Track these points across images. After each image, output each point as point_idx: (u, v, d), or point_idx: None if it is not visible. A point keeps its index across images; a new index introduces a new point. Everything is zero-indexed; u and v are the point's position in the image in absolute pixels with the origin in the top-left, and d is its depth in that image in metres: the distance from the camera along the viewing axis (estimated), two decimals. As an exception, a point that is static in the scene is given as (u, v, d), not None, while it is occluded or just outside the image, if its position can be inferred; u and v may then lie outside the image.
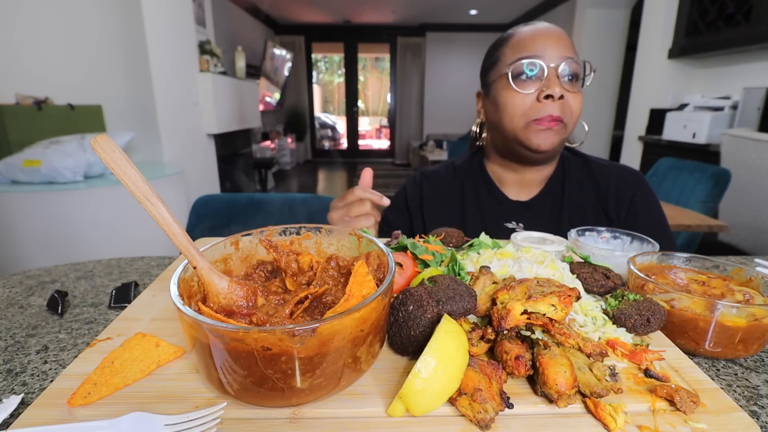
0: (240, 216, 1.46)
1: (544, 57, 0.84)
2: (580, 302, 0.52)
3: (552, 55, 0.84)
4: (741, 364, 0.52)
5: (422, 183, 1.07)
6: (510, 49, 0.89)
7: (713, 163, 2.42)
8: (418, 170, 1.11)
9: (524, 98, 0.86)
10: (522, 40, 0.87)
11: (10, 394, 0.45)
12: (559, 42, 0.85)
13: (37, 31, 2.59)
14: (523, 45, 0.87)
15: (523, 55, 0.85)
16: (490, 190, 1.02)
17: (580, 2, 4.98)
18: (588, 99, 3.29)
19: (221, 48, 4.08)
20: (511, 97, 0.87)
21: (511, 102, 0.87)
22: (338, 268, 0.49)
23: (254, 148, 5.67)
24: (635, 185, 0.96)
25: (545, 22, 0.90)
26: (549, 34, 0.86)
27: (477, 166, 1.05)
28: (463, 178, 1.05)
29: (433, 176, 1.08)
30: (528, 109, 0.86)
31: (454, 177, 1.06)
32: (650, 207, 0.96)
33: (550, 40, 0.85)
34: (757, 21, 2.64)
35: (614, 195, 0.96)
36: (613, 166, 1.00)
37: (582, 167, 1.00)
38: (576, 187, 0.98)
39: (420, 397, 0.36)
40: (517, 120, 0.87)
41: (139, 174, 0.39)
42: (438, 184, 1.06)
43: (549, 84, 0.84)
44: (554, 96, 0.83)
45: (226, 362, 0.36)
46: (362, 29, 8.48)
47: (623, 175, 0.98)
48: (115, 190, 2.10)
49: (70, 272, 0.81)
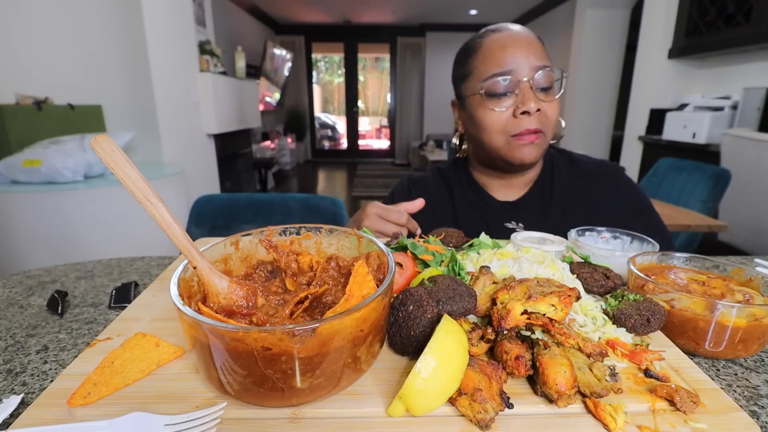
0: (240, 216, 1.46)
1: (517, 71, 0.83)
2: (580, 302, 0.52)
3: (524, 67, 0.83)
4: (741, 364, 0.52)
5: (410, 188, 1.07)
6: (481, 62, 0.87)
7: (713, 163, 2.42)
8: (405, 177, 1.11)
9: (501, 115, 0.86)
10: (492, 53, 0.85)
11: (10, 394, 0.45)
12: (530, 50, 0.84)
13: (37, 31, 2.59)
14: (493, 59, 0.85)
15: (495, 72, 0.84)
16: (477, 194, 1.03)
17: (580, 2, 4.98)
18: (588, 99, 3.35)
19: (221, 48, 4.08)
20: (487, 116, 0.87)
21: (488, 120, 0.87)
22: (338, 268, 0.49)
23: (254, 148, 5.67)
24: (616, 178, 0.98)
25: (514, 26, 0.88)
26: (519, 43, 0.84)
27: (462, 172, 1.06)
28: (450, 183, 1.06)
29: (420, 182, 1.08)
30: (506, 126, 0.86)
31: (441, 182, 1.07)
32: (634, 197, 0.97)
33: (520, 50, 0.84)
34: (757, 21, 2.64)
35: (599, 190, 0.97)
36: (595, 162, 1.01)
37: (568, 165, 1.01)
38: (566, 184, 0.98)
39: (420, 397, 0.36)
40: (497, 137, 0.88)
41: (139, 174, 0.39)
42: (426, 190, 1.05)
43: (524, 100, 0.83)
44: (530, 111, 0.83)
45: (226, 362, 0.36)
46: (362, 29, 8.48)
47: (604, 170, 0.99)
48: (115, 190, 2.10)
49: (70, 272, 0.81)
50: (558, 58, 5.74)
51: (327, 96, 11.95)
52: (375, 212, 0.82)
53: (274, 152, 6.76)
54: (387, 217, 0.82)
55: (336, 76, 11.74)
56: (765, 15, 2.59)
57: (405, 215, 0.82)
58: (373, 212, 0.82)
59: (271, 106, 7.11)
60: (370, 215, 0.82)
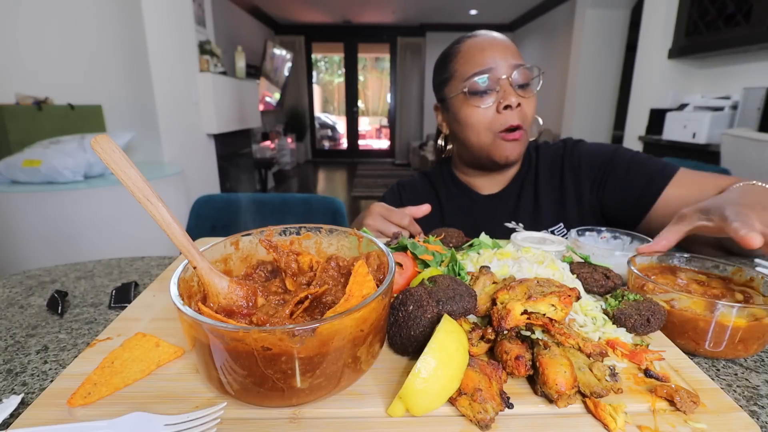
0: (240, 216, 1.46)
1: (496, 69, 0.88)
2: (580, 302, 0.52)
3: (502, 66, 0.88)
4: (741, 364, 0.52)
5: (401, 192, 1.11)
6: (462, 64, 0.92)
7: (713, 163, 2.42)
8: (395, 182, 1.15)
9: (485, 112, 0.90)
10: (472, 56, 0.91)
11: (10, 394, 0.45)
12: (507, 51, 0.89)
13: (37, 31, 2.59)
14: (473, 60, 0.90)
15: (476, 71, 0.89)
16: (462, 192, 1.06)
17: (580, 2, 4.98)
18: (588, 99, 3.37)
19: (221, 48, 4.08)
20: (472, 113, 0.91)
21: (473, 117, 0.91)
22: (338, 268, 0.49)
23: (254, 148, 5.67)
24: (575, 153, 0.99)
25: (489, 32, 0.94)
26: (496, 46, 0.90)
27: (446, 174, 1.10)
28: (436, 186, 1.10)
29: (410, 185, 1.12)
30: (491, 122, 0.90)
31: (429, 185, 1.11)
32: (598, 158, 0.96)
33: (498, 51, 0.89)
34: (757, 21, 2.64)
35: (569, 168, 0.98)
36: (556, 146, 1.04)
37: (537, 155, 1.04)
38: (542, 173, 1.01)
39: (420, 397, 0.36)
40: (483, 135, 0.92)
41: (139, 174, 0.39)
42: (416, 193, 1.10)
43: (505, 95, 0.88)
44: (512, 105, 0.88)
45: (226, 362, 0.36)
46: (362, 29, 8.48)
47: (562, 152, 1.01)
48: (115, 190, 2.10)
49: (70, 272, 0.81)
50: (558, 58, 5.74)
51: (327, 96, 11.95)
52: (378, 211, 0.84)
53: (274, 152, 6.76)
54: (389, 217, 0.83)
55: (336, 76, 11.74)
56: (765, 15, 2.59)
57: (407, 217, 0.83)
58: (376, 211, 0.84)
59: (271, 106, 7.11)
60: (373, 214, 0.84)
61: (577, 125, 5.16)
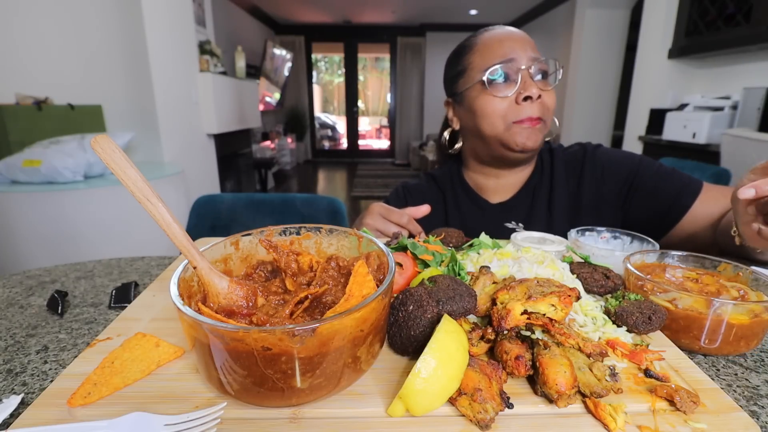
0: (240, 216, 1.46)
1: (517, 60, 0.86)
2: (580, 302, 0.52)
3: (522, 58, 0.86)
4: (741, 364, 0.52)
5: (406, 196, 1.08)
6: (479, 56, 0.90)
7: (713, 163, 2.42)
8: (399, 184, 1.12)
9: (503, 102, 0.87)
10: (490, 46, 0.89)
11: (10, 394, 0.45)
12: (526, 44, 0.88)
13: (37, 31, 2.59)
14: (492, 51, 0.88)
15: (496, 61, 0.87)
16: (470, 198, 1.03)
17: (580, 2, 4.97)
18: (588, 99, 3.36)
19: (221, 48, 4.07)
20: (489, 103, 0.88)
21: (490, 107, 0.88)
22: (338, 269, 0.49)
23: (254, 148, 5.67)
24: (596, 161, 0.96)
25: (506, 26, 0.92)
26: (515, 38, 0.88)
27: (455, 176, 1.06)
28: (443, 189, 1.06)
29: (416, 189, 1.09)
30: (507, 112, 0.87)
31: (436, 188, 1.07)
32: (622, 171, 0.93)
33: (517, 43, 0.87)
34: (757, 21, 2.64)
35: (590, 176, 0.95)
36: (572, 150, 1.00)
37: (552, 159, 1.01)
38: (557, 179, 0.98)
39: (420, 397, 0.36)
40: (498, 123, 0.89)
41: (139, 174, 0.39)
42: (422, 197, 1.06)
43: (526, 86, 0.86)
44: (533, 97, 0.85)
45: (226, 362, 0.36)
46: (362, 29, 8.48)
47: (582, 158, 0.97)
48: (115, 190, 2.10)
49: (70, 272, 0.81)
50: (558, 58, 5.73)
51: (327, 96, 11.95)
52: (378, 211, 0.84)
53: (274, 152, 6.76)
54: (388, 217, 0.82)
55: (336, 76, 11.74)
56: (765, 15, 2.59)
57: (406, 217, 0.82)
58: (376, 211, 0.84)
59: (271, 106, 7.11)
60: (373, 213, 0.84)
61: (577, 125, 5.16)
